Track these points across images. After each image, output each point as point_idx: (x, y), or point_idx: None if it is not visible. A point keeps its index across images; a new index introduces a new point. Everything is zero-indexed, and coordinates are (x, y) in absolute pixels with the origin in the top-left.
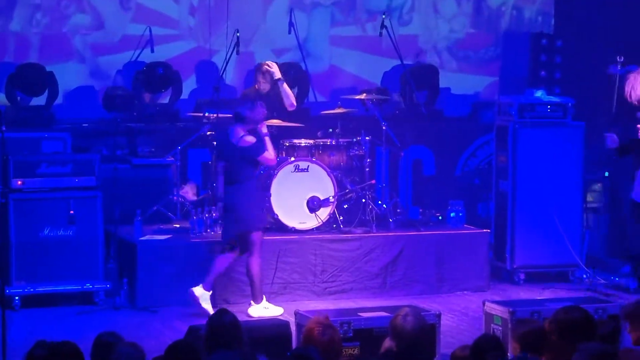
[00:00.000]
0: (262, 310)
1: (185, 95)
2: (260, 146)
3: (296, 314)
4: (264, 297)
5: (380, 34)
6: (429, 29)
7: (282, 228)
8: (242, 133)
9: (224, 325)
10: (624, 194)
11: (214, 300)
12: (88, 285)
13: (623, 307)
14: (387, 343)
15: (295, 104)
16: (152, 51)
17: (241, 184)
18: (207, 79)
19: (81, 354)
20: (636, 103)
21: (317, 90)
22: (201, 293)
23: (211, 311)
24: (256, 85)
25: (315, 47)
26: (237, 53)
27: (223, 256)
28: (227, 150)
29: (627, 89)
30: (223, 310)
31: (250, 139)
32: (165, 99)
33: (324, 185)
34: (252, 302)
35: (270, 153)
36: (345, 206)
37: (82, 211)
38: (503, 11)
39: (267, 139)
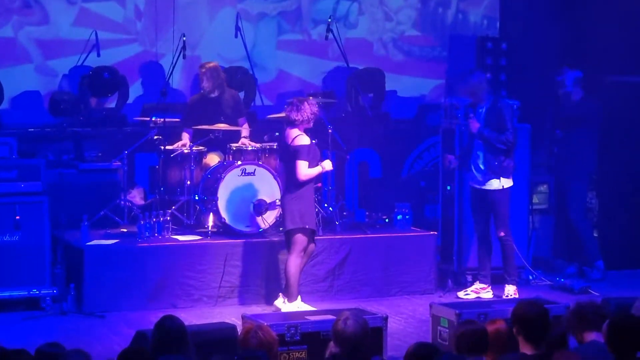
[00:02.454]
0: (295, 309)
1: (131, 99)
2: (307, 154)
3: (243, 317)
4: (299, 297)
5: (326, 37)
6: (375, 21)
7: (230, 232)
8: (296, 134)
9: (170, 331)
10: (569, 196)
11: (162, 305)
12: (35, 291)
13: (568, 309)
14: (332, 347)
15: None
16: (99, 55)
17: (291, 185)
18: (153, 82)
19: None
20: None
21: (263, 94)
22: (289, 306)
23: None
24: (202, 91)
25: (262, 53)
26: (184, 57)
27: (288, 260)
28: (282, 151)
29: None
30: (169, 316)
31: (304, 141)
32: (111, 104)
33: (270, 189)
34: (285, 300)
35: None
36: None
37: (28, 217)
38: (448, 14)
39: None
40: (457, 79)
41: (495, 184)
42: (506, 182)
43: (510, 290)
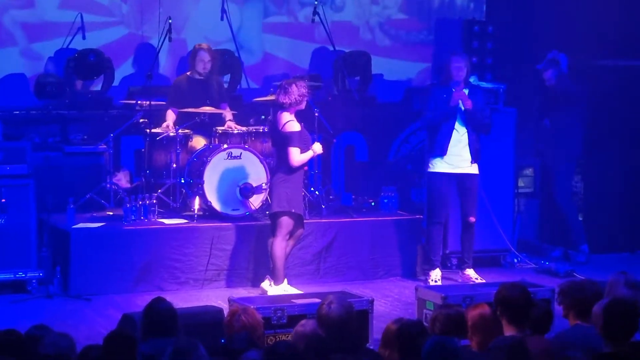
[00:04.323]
0: (282, 292)
1: (117, 82)
2: (299, 140)
3: (230, 300)
4: (286, 279)
5: (313, 20)
6: (361, 5)
7: (216, 215)
8: (286, 120)
9: (160, 313)
10: (556, 179)
11: (148, 287)
12: (21, 274)
13: (561, 285)
14: (309, 326)
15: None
16: (84, 38)
17: (281, 168)
18: (139, 64)
19: (23, 341)
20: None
21: (249, 77)
22: (275, 288)
23: (297, 290)
24: (189, 72)
25: (248, 36)
26: (170, 40)
27: (273, 243)
28: (273, 135)
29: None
30: (159, 298)
31: (294, 127)
32: (97, 86)
33: (256, 172)
34: (271, 283)
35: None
36: None
37: (14, 199)
38: None
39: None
40: (443, 59)
41: (475, 168)
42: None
43: (474, 274)
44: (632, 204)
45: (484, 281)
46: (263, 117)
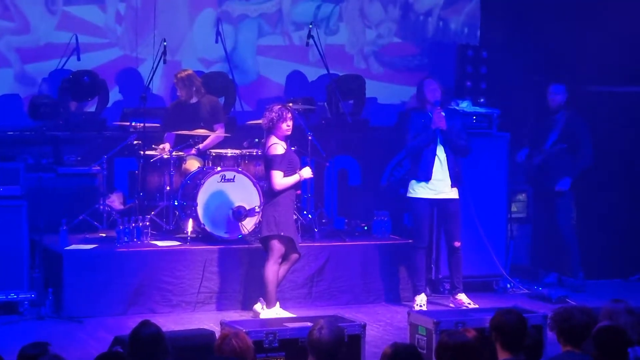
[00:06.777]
0: (274, 315)
1: (111, 104)
2: (281, 163)
3: (222, 323)
4: (278, 303)
5: (307, 43)
6: (355, 33)
7: (209, 238)
8: (271, 143)
9: (145, 338)
10: (549, 205)
11: (140, 310)
12: (12, 295)
13: (553, 311)
14: None
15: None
16: (79, 59)
17: (270, 191)
18: (133, 86)
19: None
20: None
21: (243, 100)
22: (268, 312)
23: (289, 314)
24: (179, 98)
25: (242, 58)
26: (164, 62)
27: (265, 267)
28: (263, 158)
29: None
30: (145, 322)
31: (278, 150)
32: (91, 108)
33: (250, 195)
34: (264, 305)
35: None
36: None
37: (6, 220)
38: (429, 22)
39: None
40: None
41: (456, 192)
42: None
43: (466, 299)
44: (626, 231)
45: (476, 306)
46: (257, 140)
